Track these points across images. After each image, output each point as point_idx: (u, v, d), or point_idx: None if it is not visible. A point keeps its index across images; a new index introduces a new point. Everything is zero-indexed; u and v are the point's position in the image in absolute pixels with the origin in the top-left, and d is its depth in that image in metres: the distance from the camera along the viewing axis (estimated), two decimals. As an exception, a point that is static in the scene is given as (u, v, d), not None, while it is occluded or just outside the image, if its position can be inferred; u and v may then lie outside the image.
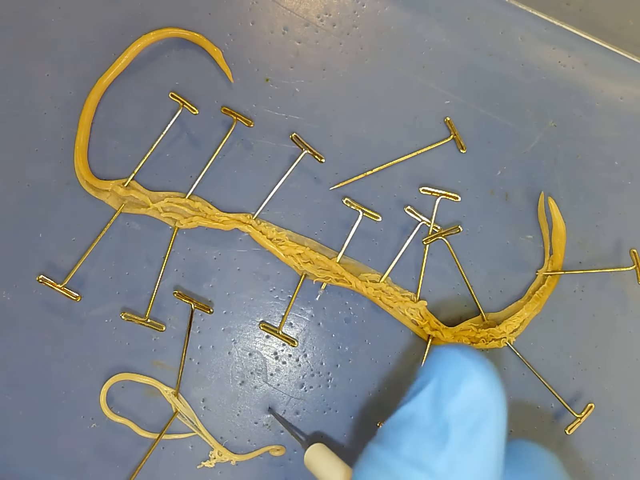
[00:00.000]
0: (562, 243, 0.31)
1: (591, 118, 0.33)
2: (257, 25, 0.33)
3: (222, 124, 0.32)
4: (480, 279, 0.31)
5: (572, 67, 0.33)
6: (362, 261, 0.31)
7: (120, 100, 0.32)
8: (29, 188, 0.31)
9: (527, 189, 0.32)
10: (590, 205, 0.32)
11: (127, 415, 0.30)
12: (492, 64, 0.33)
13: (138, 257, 0.31)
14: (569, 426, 0.30)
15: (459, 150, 0.32)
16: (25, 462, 0.30)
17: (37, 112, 0.32)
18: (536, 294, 0.31)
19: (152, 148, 0.31)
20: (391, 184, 0.32)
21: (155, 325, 0.30)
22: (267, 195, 0.31)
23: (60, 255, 0.31)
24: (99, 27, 0.33)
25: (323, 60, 0.33)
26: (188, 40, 0.32)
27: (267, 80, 0.32)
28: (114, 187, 0.31)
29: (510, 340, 0.30)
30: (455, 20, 0.33)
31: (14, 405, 0.30)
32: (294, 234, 0.31)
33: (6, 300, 0.31)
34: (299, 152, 0.31)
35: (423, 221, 0.31)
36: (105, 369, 0.30)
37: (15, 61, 0.32)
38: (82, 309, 0.31)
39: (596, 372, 0.31)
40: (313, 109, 0.32)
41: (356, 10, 0.33)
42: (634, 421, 0.31)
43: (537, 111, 0.33)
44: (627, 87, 0.33)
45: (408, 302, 0.30)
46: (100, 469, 0.30)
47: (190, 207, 0.31)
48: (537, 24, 0.33)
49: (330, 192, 0.32)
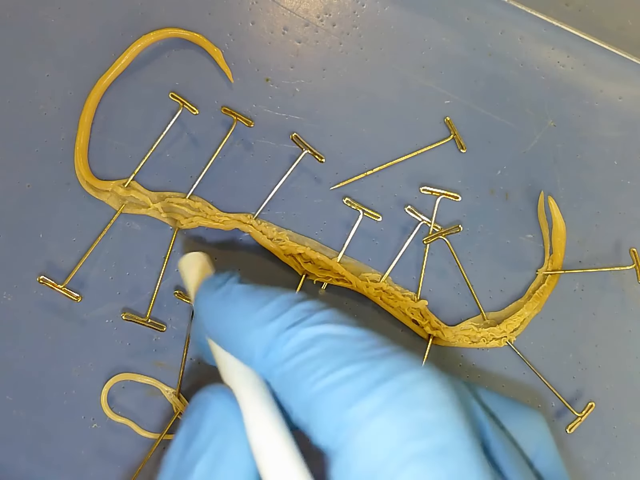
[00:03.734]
0: (562, 242, 0.31)
1: (590, 118, 0.33)
2: (257, 25, 0.33)
3: (222, 124, 0.32)
4: (480, 279, 0.31)
5: (571, 67, 0.33)
6: (362, 261, 0.31)
7: (120, 100, 0.32)
8: (29, 188, 0.31)
9: (527, 189, 0.32)
10: (590, 205, 0.32)
11: (128, 416, 0.30)
12: (492, 64, 0.33)
13: (138, 257, 0.31)
14: (570, 425, 0.30)
15: (459, 150, 0.32)
16: (25, 462, 0.30)
17: (37, 112, 0.32)
18: (536, 293, 0.31)
19: (152, 148, 0.31)
20: (391, 183, 0.32)
21: (156, 325, 0.30)
22: (268, 195, 0.31)
23: (60, 255, 0.31)
24: (99, 27, 0.33)
25: (323, 60, 0.33)
26: (188, 40, 0.32)
27: (267, 80, 0.32)
28: (114, 188, 0.31)
29: (510, 339, 0.30)
30: (455, 20, 0.33)
31: (14, 405, 0.30)
32: (295, 233, 0.31)
33: (7, 301, 0.31)
34: (299, 152, 0.31)
35: (423, 221, 0.31)
36: (106, 369, 0.30)
37: (15, 61, 0.32)
38: (83, 310, 0.31)
39: (596, 371, 0.31)
40: (313, 109, 0.32)
41: (356, 10, 0.33)
42: (634, 420, 0.31)
43: (537, 111, 0.33)
44: (626, 87, 0.33)
45: (408, 301, 0.30)
46: (101, 469, 0.30)
47: (191, 207, 0.31)
48: (536, 25, 0.33)
49: (331, 192, 0.32)
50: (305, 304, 0.17)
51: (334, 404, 0.15)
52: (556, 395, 0.30)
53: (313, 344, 0.16)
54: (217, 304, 0.19)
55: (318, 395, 0.15)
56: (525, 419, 0.21)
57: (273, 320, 0.17)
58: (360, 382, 0.15)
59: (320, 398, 0.15)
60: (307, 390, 0.15)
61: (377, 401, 0.14)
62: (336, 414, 0.15)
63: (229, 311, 0.18)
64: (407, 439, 0.14)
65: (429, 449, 0.14)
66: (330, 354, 0.16)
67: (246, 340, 0.17)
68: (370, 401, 0.14)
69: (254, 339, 0.17)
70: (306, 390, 0.15)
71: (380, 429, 0.14)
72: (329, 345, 0.16)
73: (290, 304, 0.17)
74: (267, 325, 0.17)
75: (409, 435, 0.14)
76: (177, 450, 0.18)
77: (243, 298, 0.18)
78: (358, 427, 0.14)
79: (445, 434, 0.14)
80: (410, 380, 0.15)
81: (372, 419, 0.14)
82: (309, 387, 0.15)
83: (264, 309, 0.17)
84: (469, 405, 0.19)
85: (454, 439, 0.14)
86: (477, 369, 0.31)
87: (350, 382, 0.15)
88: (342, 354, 0.16)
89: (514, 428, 0.21)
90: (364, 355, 0.16)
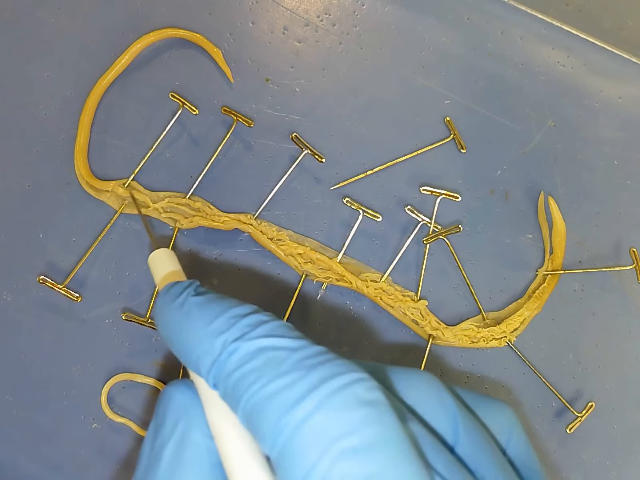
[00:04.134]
0: (562, 242, 0.31)
1: (590, 118, 0.33)
2: (257, 25, 0.33)
3: (222, 124, 0.32)
4: (480, 279, 0.31)
5: (571, 67, 0.33)
6: (362, 261, 0.31)
7: (120, 100, 0.32)
8: (29, 188, 0.31)
9: (527, 189, 0.32)
10: (590, 205, 0.32)
11: (128, 416, 0.30)
12: (492, 64, 0.33)
13: (138, 257, 0.31)
14: (570, 425, 0.30)
15: (459, 150, 0.32)
16: (25, 462, 0.30)
17: (37, 112, 0.32)
18: (536, 293, 0.31)
19: (152, 148, 0.31)
20: (391, 183, 0.32)
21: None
22: (268, 195, 0.31)
23: (60, 255, 0.31)
24: (99, 27, 0.33)
25: (323, 60, 0.33)
26: (188, 40, 0.32)
27: (267, 80, 0.32)
28: (115, 188, 0.31)
29: (510, 339, 0.30)
30: (455, 20, 0.33)
31: (14, 405, 0.30)
32: (295, 233, 0.31)
33: (7, 301, 0.31)
34: (299, 152, 0.31)
35: (423, 221, 0.31)
36: (106, 369, 0.30)
37: (15, 61, 0.32)
38: (83, 310, 0.31)
39: (596, 371, 0.31)
40: (313, 109, 0.32)
41: (356, 10, 0.33)
42: (634, 420, 0.31)
43: (537, 111, 0.33)
44: (626, 87, 0.33)
45: (408, 301, 0.30)
46: (101, 469, 0.30)
47: (191, 207, 0.31)
48: (536, 25, 0.33)
49: (331, 192, 0.32)
50: (252, 318, 0.18)
51: (271, 413, 0.16)
52: (556, 395, 0.30)
53: (254, 357, 0.17)
54: (172, 315, 0.20)
55: (257, 405, 0.16)
56: (495, 410, 0.22)
57: (220, 335, 0.18)
58: (296, 389, 0.16)
59: (259, 408, 0.16)
60: (247, 401, 0.16)
61: (309, 406, 0.15)
62: (274, 422, 0.15)
63: (182, 323, 0.19)
64: (337, 437, 0.15)
65: (358, 445, 0.14)
66: (270, 365, 0.17)
67: (196, 352, 0.18)
68: (303, 406, 0.15)
69: (201, 352, 0.18)
70: (247, 401, 0.16)
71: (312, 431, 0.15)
72: (269, 357, 0.17)
73: (237, 319, 0.18)
74: (214, 340, 0.18)
75: (338, 434, 0.15)
76: (148, 442, 0.19)
77: (196, 311, 0.19)
78: (293, 432, 0.15)
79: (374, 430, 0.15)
80: (341, 384, 0.16)
81: (304, 422, 0.15)
82: (249, 398, 0.16)
83: (214, 324, 0.18)
84: (441, 396, 0.20)
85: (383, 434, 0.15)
86: (477, 369, 0.31)
87: (286, 390, 0.16)
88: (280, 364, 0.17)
89: (485, 419, 0.22)
90: (300, 365, 0.16)
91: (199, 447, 0.19)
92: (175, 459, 0.18)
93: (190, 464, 0.18)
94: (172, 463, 0.18)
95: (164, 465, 0.18)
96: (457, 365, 0.31)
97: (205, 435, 0.19)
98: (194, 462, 0.18)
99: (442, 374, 0.31)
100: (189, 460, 0.18)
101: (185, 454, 0.18)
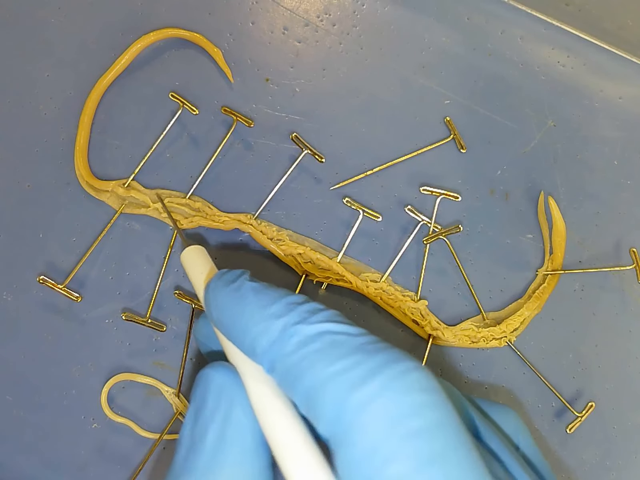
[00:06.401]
0: (562, 242, 0.31)
1: (590, 118, 0.33)
2: (257, 25, 0.33)
3: (222, 124, 0.32)
4: (480, 279, 0.31)
5: (571, 67, 0.33)
6: (362, 261, 0.31)
7: (120, 100, 0.32)
8: (29, 188, 0.31)
9: (527, 189, 0.32)
10: (590, 205, 0.32)
11: (128, 416, 0.30)
12: (492, 64, 0.33)
13: (138, 257, 0.31)
14: (570, 425, 0.30)
15: (459, 150, 0.32)
16: (25, 462, 0.30)
17: (37, 112, 0.32)
18: (536, 293, 0.31)
19: (152, 148, 0.31)
20: (391, 183, 0.32)
21: (156, 325, 0.30)
22: (268, 195, 0.31)
23: (60, 255, 0.31)
24: (99, 27, 0.33)
25: (323, 60, 0.33)
26: (188, 40, 0.32)
27: (267, 80, 0.32)
28: (115, 188, 0.31)
29: (510, 339, 0.30)
30: (455, 20, 0.33)
31: (14, 405, 0.30)
32: (295, 233, 0.31)
33: (7, 301, 0.31)
34: (299, 152, 0.31)
35: (423, 221, 0.31)
36: (106, 369, 0.30)
37: (15, 61, 0.32)
38: (83, 310, 0.31)
39: (596, 371, 0.31)
40: (313, 109, 0.32)
41: (356, 10, 0.33)
42: (634, 420, 0.31)
43: (537, 111, 0.33)
44: (626, 87, 0.33)
45: (408, 301, 0.30)
46: (101, 469, 0.30)
47: (191, 207, 0.31)
48: (536, 25, 0.33)
49: (331, 192, 0.32)
50: (309, 305, 0.19)
51: (334, 393, 0.16)
52: (556, 395, 0.30)
53: (315, 339, 0.18)
54: (227, 298, 0.20)
55: (318, 385, 0.17)
56: (502, 415, 0.23)
57: (279, 318, 0.19)
58: (358, 371, 0.16)
59: (321, 388, 0.17)
60: (308, 381, 0.17)
61: (374, 387, 0.16)
62: (337, 401, 0.16)
63: (238, 305, 0.20)
64: (405, 417, 0.15)
65: (425, 425, 0.15)
66: (331, 348, 0.17)
67: (252, 333, 0.19)
68: (367, 387, 0.16)
69: (259, 331, 0.19)
70: (307, 382, 0.17)
71: (378, 410, 0.16)
72: (330, 340, 0.18)
73: (295, 305, 0.19)
74: (273, 322, 0.19)
75: (406, 414, 0.15)
76: (188, 425, 0.20)
77: (252, 295, 0.20)
78: (358, 411, 0.16)
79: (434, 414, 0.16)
80: (402, 370, 0.16)
81: (370, 403, 0.16)
82: (310, 378, 0.17)
83: (272, 307, 0.19)
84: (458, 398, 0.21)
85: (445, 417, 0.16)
86: (477, 369, 0.31)
87: (349, 372, 0.16)
88: (341, 347, 0.17)
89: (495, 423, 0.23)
90: (362, 348, 0.17)
91: (242, 426, 0.19)
92: (220, 438, 0.19)
93: (234, 442, 0.19)
94: (217, 441, 0.19)
95: (209, 444, 0.19)
96: (457, 365, 0.31)
97: (247, 414, 0.19)
98: (237, 440, 0.19)
99: (442, 374, 0.31)
100: (232, 438, 0.19)
101: (228, 432, 0.19)
